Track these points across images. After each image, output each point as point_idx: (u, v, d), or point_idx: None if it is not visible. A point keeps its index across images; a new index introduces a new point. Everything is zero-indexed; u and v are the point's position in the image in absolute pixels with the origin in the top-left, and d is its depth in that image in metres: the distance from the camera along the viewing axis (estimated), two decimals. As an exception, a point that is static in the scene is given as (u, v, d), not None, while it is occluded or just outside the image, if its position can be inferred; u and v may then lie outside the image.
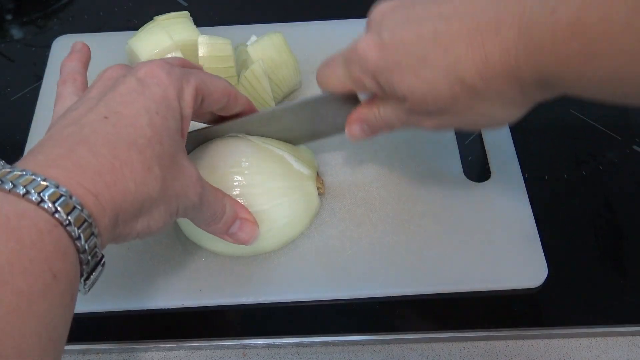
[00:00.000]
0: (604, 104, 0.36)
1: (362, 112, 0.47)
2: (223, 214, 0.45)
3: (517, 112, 0.41)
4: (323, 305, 0.49)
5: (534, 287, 0.49)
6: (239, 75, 0.57)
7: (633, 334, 0.48)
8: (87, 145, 0.35)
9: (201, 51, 0.55)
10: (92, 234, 0.34)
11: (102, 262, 0.36)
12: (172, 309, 0.49)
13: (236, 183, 0.48)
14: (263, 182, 0.49)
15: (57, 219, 0.32)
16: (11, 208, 0.32)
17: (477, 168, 0.56)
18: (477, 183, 0.55)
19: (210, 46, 0.55)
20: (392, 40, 0.41)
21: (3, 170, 0.33)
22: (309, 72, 0.62)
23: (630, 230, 0.53)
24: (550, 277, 0.49)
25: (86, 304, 0.40)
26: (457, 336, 0.48)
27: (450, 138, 0.58)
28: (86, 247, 0.33)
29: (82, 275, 0.34)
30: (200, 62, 0.55)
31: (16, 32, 0.70)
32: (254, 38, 0.59)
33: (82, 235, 0.33)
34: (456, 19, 0.39)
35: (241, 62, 0.58)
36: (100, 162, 0.35)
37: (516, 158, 0.56)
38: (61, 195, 0.32)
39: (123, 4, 0.72)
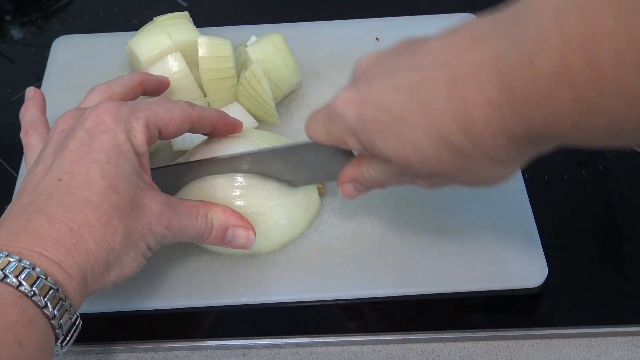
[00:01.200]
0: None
1: (352, 172, 0.44)
2: (211, 229, 0.45)
3: (512, 169, 0.38)
4: (323, 305, 0.49)
5: (534, 287, 0.49)
6: (238, 76, 0.57)
7: (633, 334, 0.48)
8: (44, 213, 0.37)
9: (201, 51, 0.55)
10: (61, 299, 0.35)
11: (77, 324, 0.37)
12: (172, 309, 0.49)
13: (237, 184, 0.48)
14: (263, 183, 0.49)
15: (22, 292, 0.34)
16: None
17: (477, 168, 0.56)
18: (477, 183, 0.55)
19: (210, 47, 0.55)
20: (370, 95, 0.37)
21: None
22: (308, 73, 0.62)
23: (630, 230, 0.53)
24: (550, 277, 0.49)
25: (87, 305, 0.40)
26: (457, 336, 0.48)
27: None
28: (55, 313, 0.35)
29: (57, 338, 0.36)
30: (200, 63, 0.55)
31: (16, 32, 0.70)
32: (253, 38, 0.59)
33: (49, 303, 0.35)
34: (434, 68, 0.34)
35: (241, 63, 0.58)
36: (58, 228, 0.36)
37: (516, 158, 0.56)
38: (24, 268, 0.34)
39: (123, 4, 0.72)
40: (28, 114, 0.49)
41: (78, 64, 0.63)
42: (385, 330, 0.48)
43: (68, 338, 0.37)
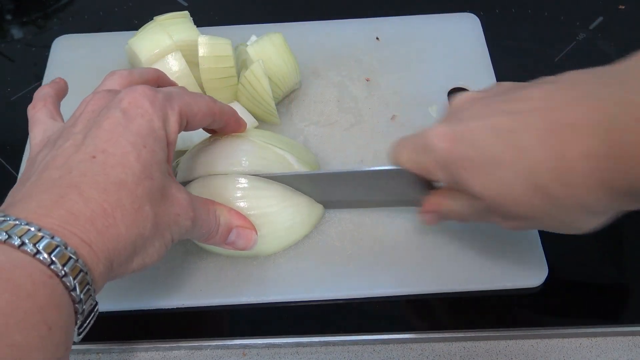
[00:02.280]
0: None
1: (435, 203, 0.45)
2: (218, 227, 0.45)
3: (603, 220, 0.38)
4: (323, 305, 0.49)
5: (534, 287, 0.49)
6: (239, 75, 0.57)
7: (633, 334, 0.49)
8: (78, 190, 0.35)
9: (201, 51, 0.55)
10: (87, 283, 0.34)
11: (95, 310, 0.36)
12: (172, 309, 0.49)
13: (239, 185, 0.48)
14: (266, 185, 0.48)
15: (53, 271, 0.32)
16: (6, 258, 0.32)
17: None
18: (477, 183, 0.55)
19: (210, 46, 0.55)
20: (465, 133, 0.39)
21: None
22: (308, 72, 0.62)
23: (630, 230, 0.53)
24: (550, 277, 0.49)
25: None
26: (457, 336, 0.48)
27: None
28: (81, 296, 0.34)
29: (75, 323, 0.35)
30: (201, 62, 0.55)
31: (16, 32, 0.70)
32: (254, 38, 0.59)
33: (77, 285, 0.33)
34: (533, 116, 0.36)
35: (241, 62, 0.58)
36: (91, 207, 0.35)
37: (516, 158, 0.56)
38: (57, 246, 0.32)
39: (123, 4, 0.72)
40: (43, 90, 0.47)
41: (78, 63, 0.63)
42: (385, 330, 0.48)
43: (85, 324, 0.36)
